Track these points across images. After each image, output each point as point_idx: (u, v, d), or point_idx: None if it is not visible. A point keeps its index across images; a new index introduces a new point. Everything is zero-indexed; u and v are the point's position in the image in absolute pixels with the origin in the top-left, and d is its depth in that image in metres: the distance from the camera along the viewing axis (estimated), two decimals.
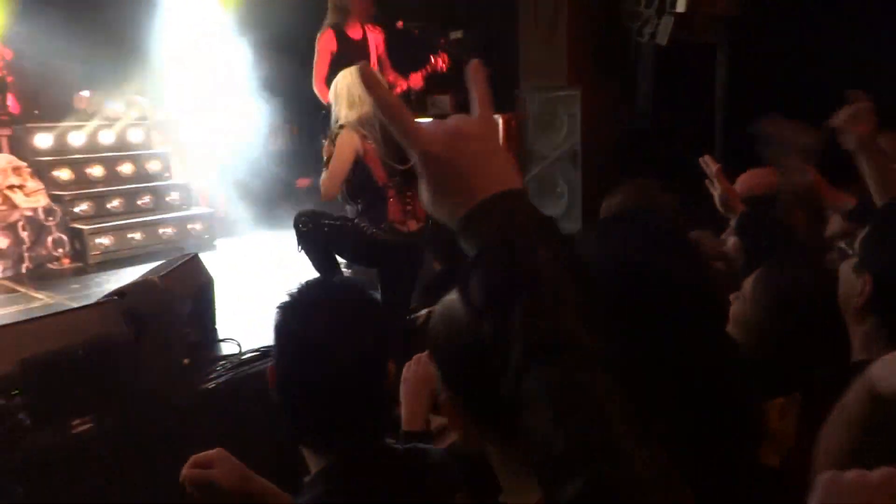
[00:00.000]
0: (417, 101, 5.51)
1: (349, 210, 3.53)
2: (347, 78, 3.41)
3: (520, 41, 5.28)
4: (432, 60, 4.81)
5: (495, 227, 0.60)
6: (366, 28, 4.64)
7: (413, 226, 3.46)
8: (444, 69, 4.84)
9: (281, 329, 1.13)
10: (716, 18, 4.67)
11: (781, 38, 4.35)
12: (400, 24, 4.99)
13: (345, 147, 3.29)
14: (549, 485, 0.53)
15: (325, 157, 3.37)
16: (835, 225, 2.22)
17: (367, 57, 4.54)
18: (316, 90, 4.55)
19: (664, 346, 0.71)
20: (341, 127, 3.34)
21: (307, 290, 1.19)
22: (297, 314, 1.12)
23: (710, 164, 2.16)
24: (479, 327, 0.59)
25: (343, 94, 3.38)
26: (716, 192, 2.13)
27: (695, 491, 0.53)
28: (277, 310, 1.18)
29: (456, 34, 5.76)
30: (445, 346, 0.83)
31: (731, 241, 2.12)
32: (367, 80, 0.63)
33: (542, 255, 0.58)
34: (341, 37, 4.54)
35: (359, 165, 3.33)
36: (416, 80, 4.80)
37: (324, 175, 3.36)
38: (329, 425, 1.10)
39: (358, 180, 3.34)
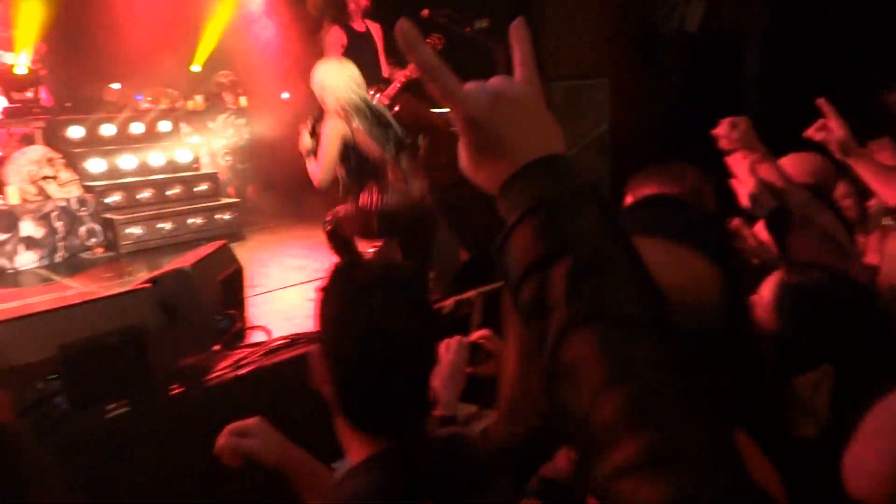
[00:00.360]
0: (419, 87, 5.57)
1: (351, 196, 3.60)
2: (333, 69, 3.49)
3: (545, 30, 5.25)
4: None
5: (538, 192, 0.58)
6: (366, 22, 4.80)
7: (415, 186, 3.60)
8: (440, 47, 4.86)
9: (335, 312, 1.06)
10: (746, 4, 4.60)
11: (814, 23, 4.27)
12: (426, 12, 4.98)
13: (331, 135, 3.39)
14: (590, 455, 0.52)
15: (305, 149, 3.51)
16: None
17: (374, 49, 4.73)
18: None
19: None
20: (319, 119, 3.45)
21: (356, 272, 1.12)
22: (354, 297, 1.06)
23: (739, 161, 2.10)
24: (520, 293, 0.58)
25: (329, 84, 3.45)
26: (746, 185, 2.07)
27: None
28: (326, 293, 1.10)
29: (481, 23, 5.74)
30: None
31: (757, 236, 2.08)
32: (409, 38, 0.60)
33: (587, 221, 0.57)
34: (349, 31, 4.71)
35: (350, 149, 3.44)
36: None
37: (311, 165, 3.47)
38: (389, 409, 1.06)
39: (354, 164, 3.46)
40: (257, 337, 3.16)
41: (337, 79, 3.44)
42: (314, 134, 3.51)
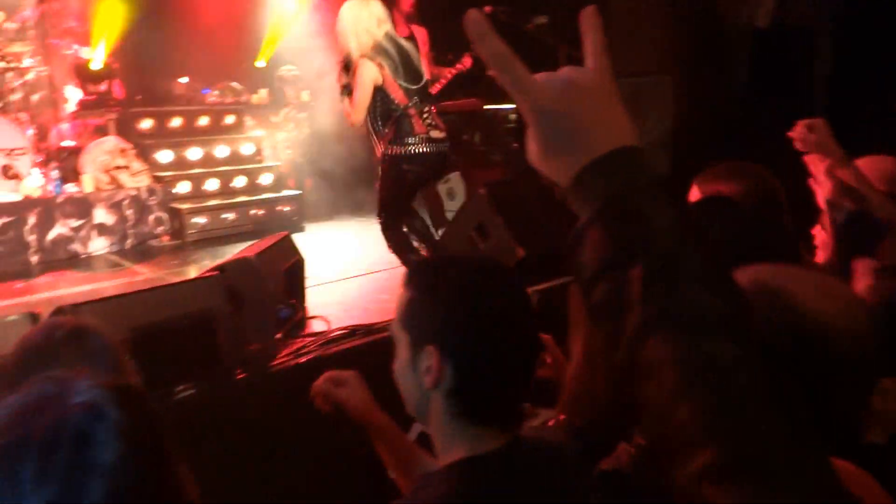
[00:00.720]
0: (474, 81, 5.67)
1: (375, 138, 3.73)
2: (354, 10, 3.56)
3: (607, 25, 5.18)
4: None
5: (612, 186, 0.56)
6: (411, 27, 4.87)
7: (437, 134, 3.75)
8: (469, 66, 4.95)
9: (448, 306, 1.03)
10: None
11: (890, 20, 4.10)
12: (488, 9, 4.99)
13: (365, 77, 3.52)
14: (670, 456, 0.51)
15: (340, 86, 3.66)
16: None
17: (417, 54, 4.73)
18: None
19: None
20: (360, 58, 3.54)
21: (460, 265, 1.09)
22: (466, 290, 1.03)
23: (816, 163, 2.04)
24: (593, 291, 0.56)
25: (350, 27, 3.54)
26: (823, 187, 2.01)
27: None
28: (432, 288, 1.06)
29: (541, 19, 5.71)
30: None
31: (821, 237, 2.02)
32: (478, 28, 0.58)
33: (663, 218, 0.55)
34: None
35: (379, 92, 3.58)
36: (467, 61, 4.90)
37: (346, 104, 3.62)
38: (506, 405, 1.05)
39: (381, 107, 3.61)
40: (317, 327, 3.24)
41: (357, 20, 3.53)
42: (348, 69, 3.61)
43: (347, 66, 3.60)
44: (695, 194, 1.74)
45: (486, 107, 7.19)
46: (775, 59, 4.76)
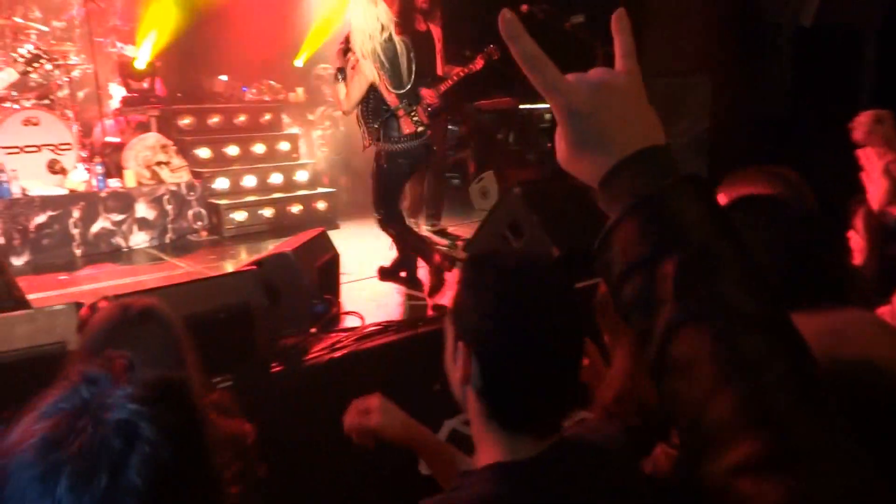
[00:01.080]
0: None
1: (366, 131, 3.95)
2: (365, 9, 3.72)
3: (644, 23, 5.14)
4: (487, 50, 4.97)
5: (641, 184, 0.57)
6: (428, 24, 4.99)
7: (422, 129, 3.95)
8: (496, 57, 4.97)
9: (484, 303, 1.01)
10: None
11: None
12: (524, 7, 4.99)
13: (364, 74, 3.74)
14: (703, 451, 0.51)
15: (335, 69, 3.90)
16: None
17: (432, 48, 4.94)
18: None
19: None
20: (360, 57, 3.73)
21: (500, 262, 1.06)
22: (505, 287, 1.01)
23: (872, 158, 1.99)
24: (622, 289, 0.57)
25: (359, 25, 3.72)
26: (877, 184, 1.96)
27: None
28: (470, 284, 1.05)
29: (577, 18, 5.68)
30: None
31: (856, 242, 1.97)
32: (510, 29, 0.59)
33: (693, 215, 0.55)
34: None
35: (372, 91, 3.80)
36: (478, 62, 4.96)
37: (340, 89, 3.89)
38: (542, 405, 1.01)
39: (373, 105, 3.85)
40: (351, 322, 3.27)
41: (366, 21, 3.71)
42: (346, 53, 3.81)
43: (346, 50, 3.82)
44: (721, 199, 1.72)
45: (521, 106, 7.18)
46: (819, 60, 4.66)
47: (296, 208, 5.95)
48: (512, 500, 0.95)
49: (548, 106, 0.62)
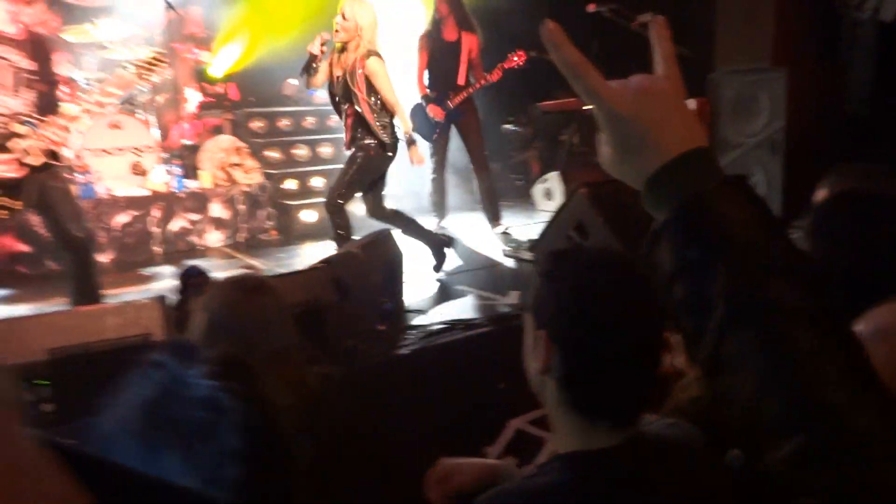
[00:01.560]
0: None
1: (376, 125, 4.05)
2: (375, 15, 3.97)
3: (718, 19, 5.01)
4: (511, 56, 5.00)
5: (687, 186, 0.58)
6: (461, 32, 5.06)
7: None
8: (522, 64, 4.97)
9: (566, 297, 1.03)
10: None
11: None
12: (592, 7, 4.95)
13: (384, 67, 3.97)
14: (758, 446, 0.53)
15: (316, 56, 4.04)
16: None
17: (457, 57, 5.04)
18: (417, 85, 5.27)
19: None
20: (368, 53, 3.93)
21: (582, 257, 1.09)
22: (587, 282, 1.03)
23: None
24: (671, 291, 0.58)
25: (375, 25, 3.97)
26: None
27: None
28: (551, 278, 1.07)
29: (645, 17, 5.60)
30: None
31: None
32: (553, 38, 0.61)
33: (740, 214, 0.57)
34: (436, 37, 5.15)
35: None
36: (495, 74, 5.06)
37: (307, 78, 4.14)
38: (620, 403, 1.03)
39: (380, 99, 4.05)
40: (417, 320, 3.32)
41: (372, 22, 3.93)
42: (342, 52, 4.02)
43: (343, 50, 3.99)
44: (822, 195, 1.67)
45: (585, 107, 7.11)
46: None
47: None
48: (586, 489, 0.96)
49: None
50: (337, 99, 4.10)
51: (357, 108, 3.99)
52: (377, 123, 4.00)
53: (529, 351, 1.08)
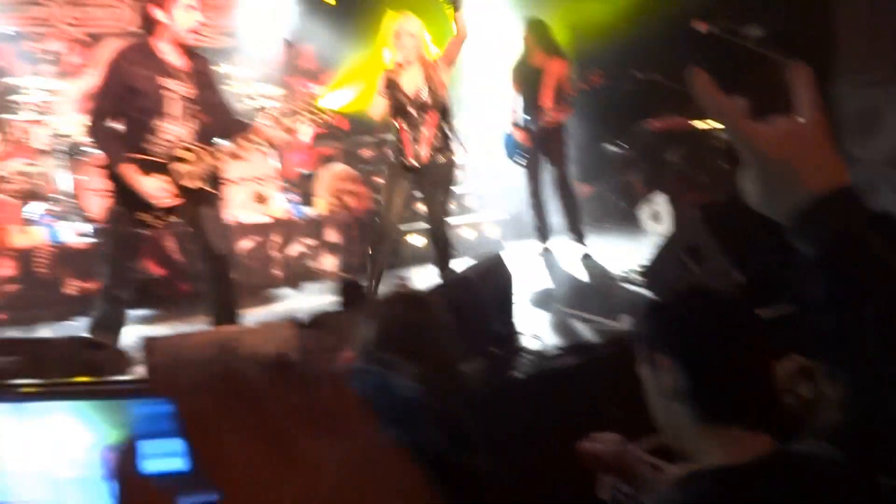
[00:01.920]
0: None
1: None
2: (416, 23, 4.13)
3: (837, 30, 4.80)
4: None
5: (837, 224, 0.61)
6: (548, 58, 5.21)
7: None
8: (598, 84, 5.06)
9: (696, 330, 1.14)
10: None
11: None
12: (704, 26, 4.87)
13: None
14: None
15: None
16: None
17: (542, 83, 5.15)
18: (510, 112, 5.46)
19: None
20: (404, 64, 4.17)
21: (700, 294, 1.25)
22: (713, 317, 1.15)
23: None
24: (820, 325, 0.61)
25: (405, 32, 4.11)
26: None
27: None
28: (680, 315, 1.18)
29: (756, 32, 5.43)
30: None
31: None
32: (702, 87, 0.66)
33: (890, 251, 0.60)
34: (524, 64, 5.36)
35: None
36: (560, 114, 5.19)
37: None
38: (747, 404, 1.11)
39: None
40: (529, 344, 3.35)
41: (418, 33, 4.07)
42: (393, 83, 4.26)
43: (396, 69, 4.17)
44: None
45: (691, 124, 6.93)
46: None
47: (468, 233, 6.17)
48: (736, 501, 0.99)
49: (720, 126, 0.70)
50: (416, 115, 4.18)
51: (440, 113, 4.15)
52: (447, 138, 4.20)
53: (649, 377, 1.14)
